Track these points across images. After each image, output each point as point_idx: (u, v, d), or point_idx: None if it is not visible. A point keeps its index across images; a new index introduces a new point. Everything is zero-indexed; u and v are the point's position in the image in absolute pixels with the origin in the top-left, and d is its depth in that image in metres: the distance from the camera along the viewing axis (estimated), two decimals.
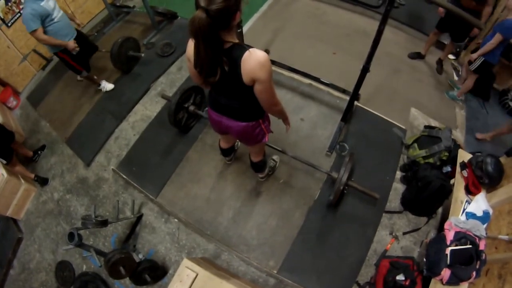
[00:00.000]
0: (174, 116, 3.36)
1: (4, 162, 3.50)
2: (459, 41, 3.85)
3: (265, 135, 2.28)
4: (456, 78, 4.47)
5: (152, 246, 3.18)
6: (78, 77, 4.39)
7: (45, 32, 3.29)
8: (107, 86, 4.36)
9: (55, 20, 3.34)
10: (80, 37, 3.77)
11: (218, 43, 1.53)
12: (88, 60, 4.10)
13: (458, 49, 4.53)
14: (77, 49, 3.55)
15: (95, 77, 4.27)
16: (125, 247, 3.11)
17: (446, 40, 4.42)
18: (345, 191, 2.93)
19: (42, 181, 3.79)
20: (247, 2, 1.62)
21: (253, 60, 1.56)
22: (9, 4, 4.17)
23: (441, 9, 3.84)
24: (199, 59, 1.57)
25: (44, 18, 3.24)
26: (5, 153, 3.51)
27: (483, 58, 3.53)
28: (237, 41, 1.61)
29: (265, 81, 1.64)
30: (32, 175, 3.76)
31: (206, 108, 3.74)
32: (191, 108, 3.50)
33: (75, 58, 3.74)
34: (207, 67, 1.60)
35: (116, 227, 3.32)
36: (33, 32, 3.20)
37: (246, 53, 1.56)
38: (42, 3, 3.19)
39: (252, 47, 1.59)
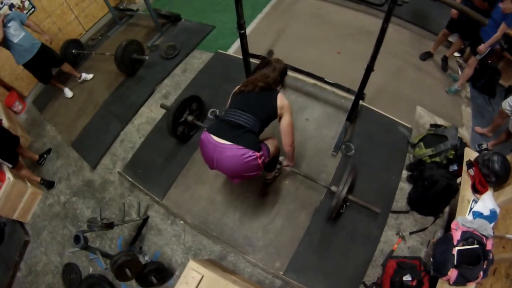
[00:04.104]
0: (172, 128, 3.36)
1: (10, 166, 3.53)
2: (470, 40, 3.87)
3: (260, 169, 2.32)
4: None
5: (158, 248, 3.19)
6: (78, 80, 4.76)
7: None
8: (87, 76, 4.81)
9: (15, 42, 3.80)
10: (43, 53, 4.12)
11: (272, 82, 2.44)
12: (50, 72, 4.47)
13: (463, 46, 4.49)
14: None
15: (59, 84, 4.65)
16: (131, 249, 3.13)
17: (453, 39, 4.39)
18: (345, 206, 2.85)
19: (48, 184, 3.82)
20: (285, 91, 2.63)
21: (286, 102, 2.38)
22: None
23: (454, 11, 3.86)
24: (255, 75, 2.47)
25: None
26: (11, 157, 3.54)
27: (490, 47, 3.61)
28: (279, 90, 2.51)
29: (290, 116, 2.42)
30: (38, 179, 3.79)
31: (211, 110, 3.76)
32: (189, 118, 3.49)
33: (36, 73, 4.27)
34: (258, 75, 2.44)
35: (122, 230, 3.34)
36: None
37: (281, 95, 2.40)
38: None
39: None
